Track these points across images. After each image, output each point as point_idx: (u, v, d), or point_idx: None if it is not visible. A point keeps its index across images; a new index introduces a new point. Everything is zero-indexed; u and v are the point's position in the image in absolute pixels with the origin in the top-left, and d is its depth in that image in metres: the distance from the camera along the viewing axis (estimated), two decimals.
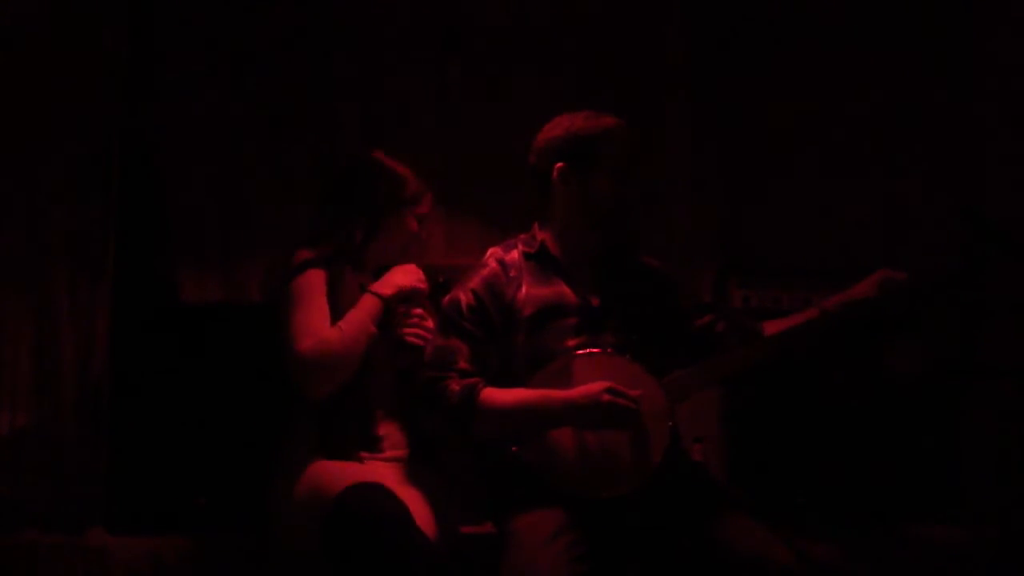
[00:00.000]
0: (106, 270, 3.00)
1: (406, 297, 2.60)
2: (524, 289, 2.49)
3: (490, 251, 2.58)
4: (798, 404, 3.07)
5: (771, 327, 2.53)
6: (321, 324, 2.49)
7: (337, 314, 2.52)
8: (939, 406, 3.16)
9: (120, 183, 3.05)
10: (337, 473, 2.41)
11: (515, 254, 2.55)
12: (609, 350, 2.41)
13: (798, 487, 3.04)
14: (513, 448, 2.36)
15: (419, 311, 2.59)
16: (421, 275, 2.64)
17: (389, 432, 2.56)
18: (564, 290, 2.50)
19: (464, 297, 2.48)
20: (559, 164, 2.50)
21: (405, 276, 2.62)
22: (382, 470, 2.49)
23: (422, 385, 2.42)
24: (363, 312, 2.53)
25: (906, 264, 2.48)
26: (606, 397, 2.29)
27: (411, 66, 3.46)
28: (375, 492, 2.32)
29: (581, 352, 2.40)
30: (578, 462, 2.33)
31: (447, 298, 2.53)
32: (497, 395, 2.37)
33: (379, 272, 2.67)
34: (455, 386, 2.37)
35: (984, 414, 3.20)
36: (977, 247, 2.40)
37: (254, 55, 3.34)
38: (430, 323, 2.58)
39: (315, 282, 2.54)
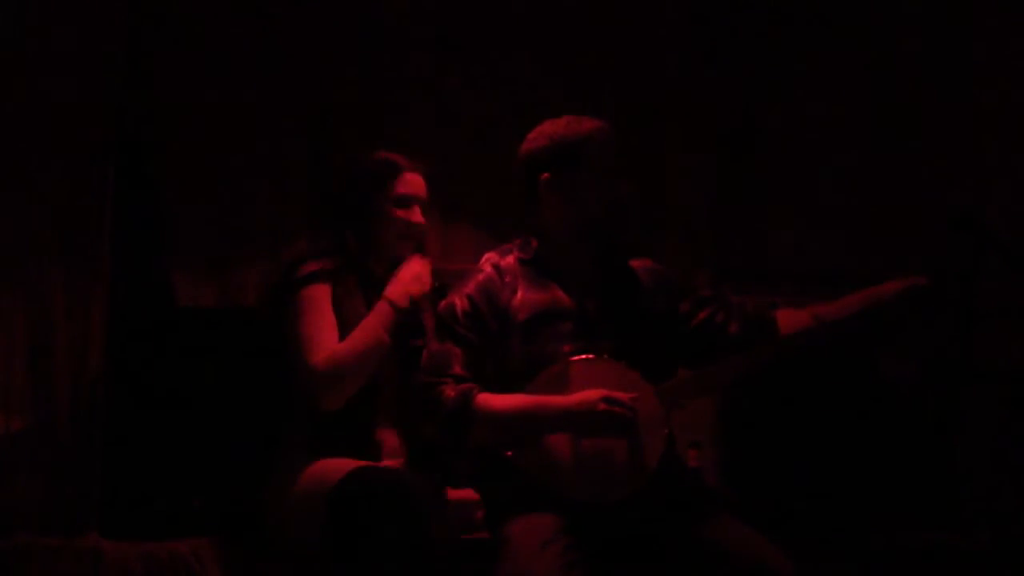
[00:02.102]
0: (102, 272, 2.98)
1: (417, 307, 2.59)
2: (519, 294, 2.47)
3: (486, 256, 2.57)
4: (794, 409, 3.07)
5: (784, 316, 2.51)
6: (332, 337, 2.50)
7: (342, 330, 2.53)
8: (935, 411, 3.16)
9: (116, 185, 3.05)
10: (339, 465, 2.42)
11: (511, 259, 2.54)
12: (605, 356, 2.40)
13: (794, 492, 3.05)
14: (508, 453, 2.36)
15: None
16: (428, 275, 2.61)
17: (387, 439, 2.57)
18: (559, 295, 2.48)
19: (459, 302, 2.47)
20: (544, 175, 2.48)
21: (416, 283, 2.60)
22: None
23: (417, 390, 2.42)
24: (376, 321, 2.54)
25: (901, 269, 2.48)
26: (602, 406, 2.28)
27: (411, 66, 3.46)
28: (379, 471, 2.35)
29: (577, 358, 2.39)
30: (573, 468, 2.32)
31: (443, 303, 2.52)
32: (493, 401, 2.36)
33: (391, 270, 2.64)
34: (450, 392, 2.36)
35: (980, 418, 3.20)
36: (973, 254, 2.39)
37: (253, 56, 3.34)
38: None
39: (321, 295, 2.55)
